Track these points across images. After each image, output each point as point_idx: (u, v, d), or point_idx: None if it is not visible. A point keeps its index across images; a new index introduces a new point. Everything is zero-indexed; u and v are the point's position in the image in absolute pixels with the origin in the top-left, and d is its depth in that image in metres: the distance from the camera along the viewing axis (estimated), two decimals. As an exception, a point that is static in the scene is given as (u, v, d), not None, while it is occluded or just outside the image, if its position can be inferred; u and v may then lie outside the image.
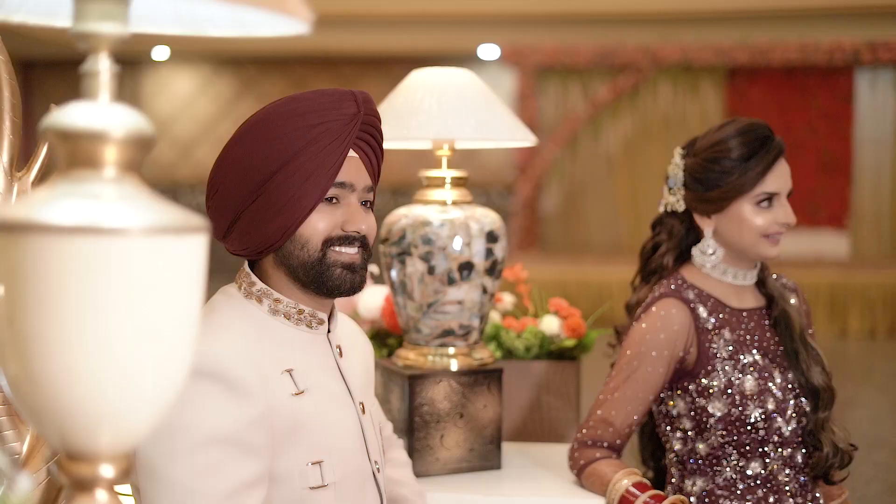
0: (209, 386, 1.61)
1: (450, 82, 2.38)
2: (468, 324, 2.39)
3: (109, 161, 1.01)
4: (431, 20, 13.50)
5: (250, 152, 1.70)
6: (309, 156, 1.71)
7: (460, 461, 2.41)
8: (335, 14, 13.46)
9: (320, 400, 1.75)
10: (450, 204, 2.39)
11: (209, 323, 1.73)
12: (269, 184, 1.70)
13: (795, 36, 12.55)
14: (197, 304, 1.04)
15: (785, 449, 2.24)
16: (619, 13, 13.06)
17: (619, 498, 2.17)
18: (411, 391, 2.35)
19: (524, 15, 13.35)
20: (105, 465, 1.02)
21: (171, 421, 1.59)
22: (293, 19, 1.11)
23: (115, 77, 1.06)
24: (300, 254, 1.75)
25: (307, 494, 1.71)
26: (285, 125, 1.71)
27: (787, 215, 2.29)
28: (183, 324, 1.03)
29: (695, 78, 13.39)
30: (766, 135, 2.29)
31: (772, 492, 2.24)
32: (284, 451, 1.69)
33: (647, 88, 13.48)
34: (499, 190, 15.53)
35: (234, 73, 15.63)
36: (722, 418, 2.23)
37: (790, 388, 2.26)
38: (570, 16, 13.26)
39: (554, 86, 13.81)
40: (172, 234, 0.98)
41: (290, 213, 1.72)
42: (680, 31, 13.04)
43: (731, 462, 2.25)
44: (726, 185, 2.28)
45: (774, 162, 2.28)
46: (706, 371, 2.25)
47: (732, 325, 2.29)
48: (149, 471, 1.60)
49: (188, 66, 15.64)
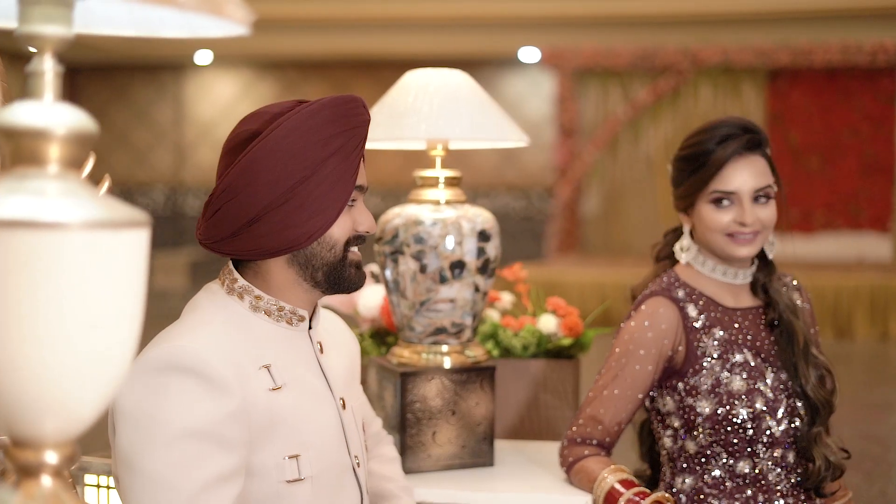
0: (186, 381, 1.65)
1: (443, 83, 2.41)
2: (461, 322, 2.42)
3: (53, 158, 1.05)
4: (472, 23, 13.54)
5: (281, 159, 1.73)
6: (338, 161, 1.77)
7: (453, 458, 2.44)
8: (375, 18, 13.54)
9: (299, 395, 1.79)
10: (443, 203, 2.42)
11: (190, 319, 1.78)
12: (300, 188, 1.74)
13: (837, 37, 12.44)
14: (139, 296, 1.07)
15: (775, 449, 2.24)
16: (658, 15, 13.03)
17: (605, 495, 2.19)
18: (403, 388, 2.39)
19: (564, 17, 13.35)
20: (50, 451, 1.04)
21: (149, 414, 1.63)
22: (232, 22, 1.15)
23: (59, 77, 1.10)
24: (327, 255, 1.81)
25: (284, 488, 1.74)
26: (319, 132, 1.75)
27: (743, 215, 2.26)
28: (125, 315, 1.06)
29: (735, 80, 13.31)
30: (726, 133, 2.27)
31: (761, 491, 2.24)
32: (261, 445, 1.72)
33: (688, 90, 13.42)
34: (539, 192, 15.55)
35: (276, 76, 15.76)
36: (709, 417, 2.23)
37: (782, 388, 2.25)
38: (609, 18, 13.24)
39: (594, 88, 13.78)
40: (112, 229, 1.01)
41: (323, 217, 1.78)
42: (720, 32, 12.98)
43: (719, 461, 2.25)
44: (687, 183, 2.30)
45: (729, 160, 2.27)
46: (694, 370, 2.26)
47: (724, 323, 2.30)
48: (127, 463, 1.64)
49: (230, 71, 15.79)
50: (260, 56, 15.21)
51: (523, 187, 15.79)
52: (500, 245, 2.45)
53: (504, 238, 10.64)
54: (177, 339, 1.70)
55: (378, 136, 2.37)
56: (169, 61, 15.73)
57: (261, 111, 1.81)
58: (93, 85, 16.69)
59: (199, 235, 1.83)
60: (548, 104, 14.91)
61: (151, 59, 15.57)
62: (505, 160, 15.78)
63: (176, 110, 16.24)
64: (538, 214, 15.60)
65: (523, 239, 15.52)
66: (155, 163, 16.41)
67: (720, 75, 13.25)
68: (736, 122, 2.28)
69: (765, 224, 2.27)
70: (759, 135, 2.28)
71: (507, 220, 15.75)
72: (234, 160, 1.77)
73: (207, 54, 15.24)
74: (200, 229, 1.82)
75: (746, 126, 2.28)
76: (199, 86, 16.13)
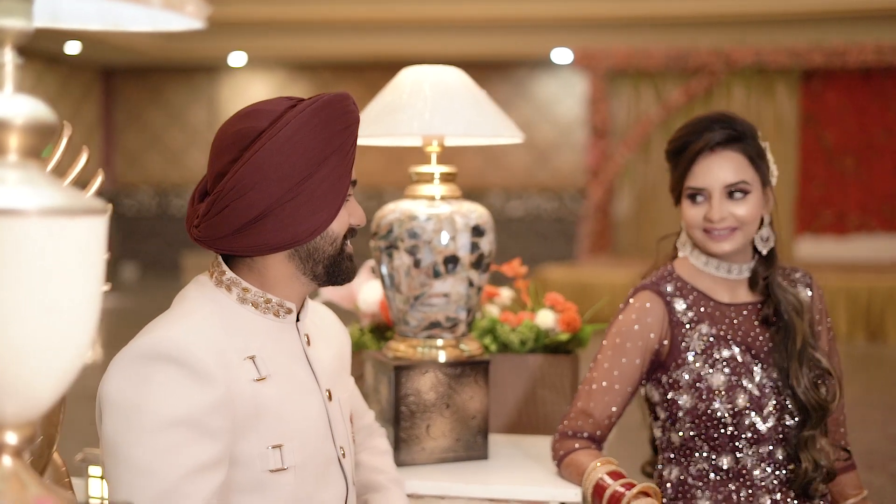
0: (170, 370, 1.68)
1: (438, 79, 2.44)
2: (455, 316, 2.44)
3: (12, 148, 1.08)
4: (505, 24, 13.54)
5: (290, 157, 1.77)
6: (339, 158, 1.82)
7: (447, 451, 2.47)
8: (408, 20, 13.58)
9: (283, 386, 1.82)
10: (438, 199, 2.45)
11: (177, 310, 1.81)
12: (306, 184, 1.78)
13: (872, 37, 12.35)
14: (97, 282, 1.10)
15: (761, 446, 2.24)
16: (691, 16, 12.98)
17: (593, 486, 2.21)
18: (397, 381, 2.41)
19: (596, 18, 13.33)
20: (10, 432, 1.07)
21: (133, 403, 1.67)
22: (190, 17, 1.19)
23: (19, 69, 1.13)
24: (329, 249, 1.86)
25: (267, 477, 1.77)
26: (324, 130, 1.80)
27: (710, 212, 2.26)
28: (82, 301, 1.09)
29: (769, 80, 13.24)
30: (701, 128, 2.28)
31: (744, 486, 2.25)
32: (245, 434, 1.75)
33: (721, 91, 13.36)
34: (571, 194, 15.53)
35: (310, 78, 15.84)
36: (689, 411, 2.25)
37: (771, 386, 2.25)
38: (642, 19, 13.21)
39: (626, 89, 13.75)
40: (69, 216, 1.04)
41: (327, 212, 1.82)
42: (754, 32, 12.91)
43: (702, 454, 2.27)
44: (671, 178, 2.33)
45: (699, 155, 2.28)
46: (676, 364, 2.28)
47: (714, 319, 2.30)
48: (112, 450, 1.67)
49: (264, 72, 15.89)
50: (293, 58, 15.30)
51: (555, 189, 15.77)
52: (495, 240, 2.47)
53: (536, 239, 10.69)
54: (162, 330, 1.74)
55: (372, 132, 2.40)
56: (203, 63, 15.85)
57: (258, 109, 1.83)
58: (128, 87, 16.85)
59: (198, 234, 1.84)
60: (580, 105, 14.90)
61: (186, 62, 15.69)
62: (537, 161, 15.78)
63: (210, 112, 16.36)
64: (570, 216, 15.58)
65: (555, 240, 15.51)
66: (189, 164, 16.54)
67: (753, 76, 13.19)
68: (713, 117, 2.29)
69: (741, 220, 2.26)
70: (736, 129, 2.27)
71: (539, 221, 15.74)
72: (237, 157, 1.79)
73: (241, 56, 15.33)
74: (199, 227, 1.83)
75: (723, 120, 2.27)
76: (232, 87, 16.24)
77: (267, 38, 14.76)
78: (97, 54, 15.40)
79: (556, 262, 13.83)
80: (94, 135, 16.85)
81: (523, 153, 15.76)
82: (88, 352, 1.14)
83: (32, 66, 15.44)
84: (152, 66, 16.20)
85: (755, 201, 2.27)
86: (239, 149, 1.80)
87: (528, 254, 15.53)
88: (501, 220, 15.86)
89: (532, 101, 15.72)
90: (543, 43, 14.19)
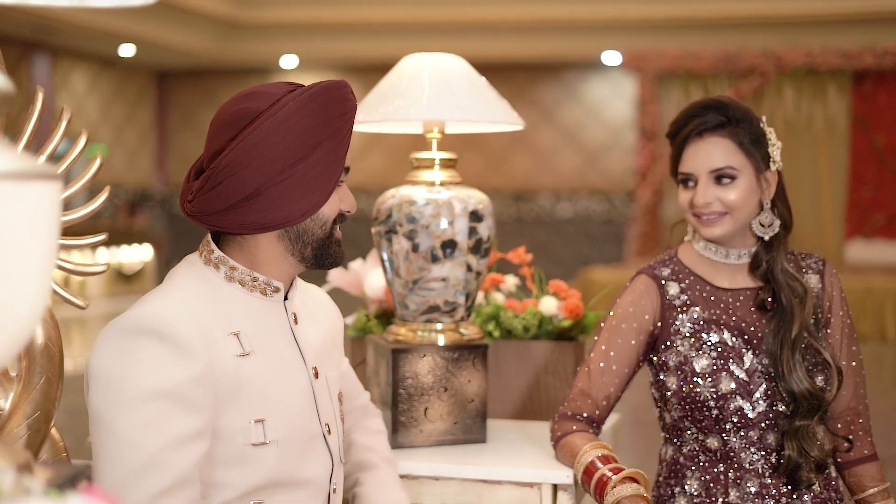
0: (153, 344, 1.73)
1: (438, 67, 2.47)
2: (454, 301, 2.47)
3: (-36, 113, 1.12)
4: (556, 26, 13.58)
5: (285, 138, 1.82)
6: (333, 143, 1.87)
7: (444, 434, 2.50)
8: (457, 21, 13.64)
9: (267, 362, 1.86)
10: (438, 185, 2.48)
11: (166, 286, 1.87)
12: (300, 166, 1.83)
13: (925, 39, 12.23)
14: (49, 249, 1.13)
15: (750, 430, 2.24)
16: (741, 17, 12.92)
17: (584, 469, 2.23)
18: (394, 364, 2.45)
19: (646, 20, 13.32)
20: None
21: (117, 375, 1.72)
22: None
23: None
24: (318, 231, 1.91)
25: (249, 450, 1.81)
26: (320, 114, 1.84)
27: (696, 197, 2.28)
28: (34, 266, 1.11)
29: (820, 82, 13.14)
30: (691, 114, 2.29)
31: (731, 468, 2.25)
32: (227, 408, 1.79)
33: (771, 93, 13.29)
34: (620, 197, 15.50)
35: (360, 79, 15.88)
36: (675, 393, 2.27)
37: (762, 371, 2.25)
38: (691, 20, 13.17)
39: (676, 91, 13.72)
40: (21, 180, 1.08)
41: (319, 195, 1.87)
42: (805, 34, 12.83)
43: (692, 435, 2.28)
44: (670, 164, 2.36)
45: (688, 141, 2.29)
46: (665, 346, 2.30)
47: (707, 303, 2.31)
48: (97, 421, 1.73)
49: (315, 74, 16.01)
50: (344, 59, 15.42)
51: (605, 191, 15.74)
52: (494, 226, 2.50)
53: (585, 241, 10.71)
54: (147, 305, 1.79)
55: (370, 117, 2.44)
56: (256, 65, 16.03)
57: (259, 91, 1.88)
58: (182, 89, 17.08)
59: (191, 208, 1.90)
60: (630, 107, 14.87)
61: (239, 64, 15.87)
62: (587, 164, 15.77)
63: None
64: (619, 217, 15.55)
65: (604, 242, 15.49)
66: (241, 164, 16.72)
67: (804, 77, 13.10)
68: (705, 103, 2.30)
69: (729, 205, 2.25)
70: (726, 115, 2.28)
71: (589, 223, 15.73)
72: (234, 136, 1.85)
73: (293, 58, 15.49)
74: (192, 202, 1.89)
75: (714, 106, 2.28)
76: (284, 89, 16.39)
77: (318, 41, 14.90)
78: (151, 57, 15.63)
79: (604, 264, 13.81)
80: (149, 137, 17.09)
81: (573, 155, 15.75)
82: (39, 319, 1.15)
83: (88, 68, 15.71)
84: (206, 68, 16.40)
85: (744, 186, 2.26)
86: (237, 128, 1.85)
87: (578, 256, 15.53)
88: (551, 221, 15.86)
89: (582, 103, 15.71)
90: (593, 45, 14.21)
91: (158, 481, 1.69)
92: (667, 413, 2.34)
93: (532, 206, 15.90)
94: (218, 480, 1.80)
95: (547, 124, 15.63)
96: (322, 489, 1.95)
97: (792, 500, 2.26)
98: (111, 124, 16.35)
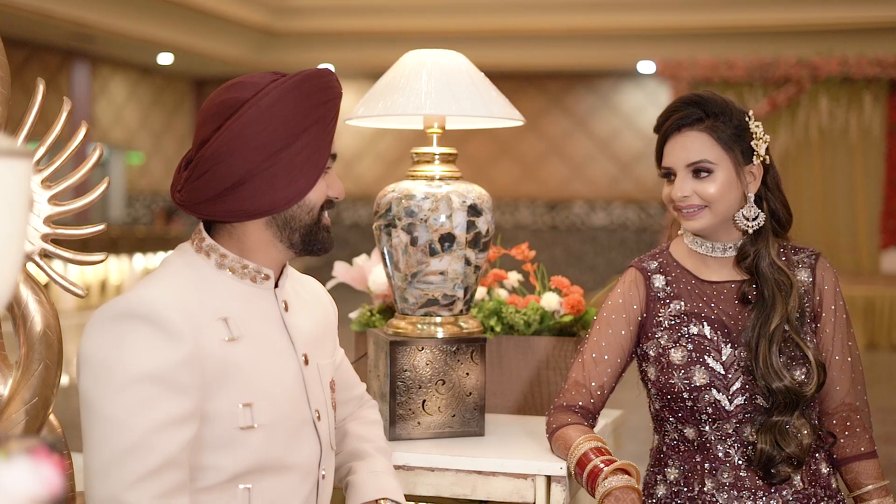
0: (141, 328, 1.77)
1: (438, 63, 2.50)
2: (452, 294, 2.50)
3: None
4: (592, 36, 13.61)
5: (270, 125, 1.86)
6: (318, 130, 1.91)
7: (443, 427, 2.52)
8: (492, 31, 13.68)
9: (256, 347, 1.89)
10: (437, 179, 2.50)
11: (157, 273, 1.92)
12: (285, 153, 1.88)
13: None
14: (18, 227, 1.16)
15: (726, 422, 2.25)
16: (776, 26, 12.88)
17: (577, 460, 2.25)
18: (392, 357, 2.47)
19: (681, 29, 13.31)
20: None
21: (106, 359, 1.76)
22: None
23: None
24: (305, 218, 1.94)
25: (237, 434, 1.84)
26: (304, 102, 1.89)
27: (674, 190, 2.31)
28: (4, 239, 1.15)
29: (855, 91, 13.06)
30: (671, 110, 2.33)
31: (707, 459, 2.28)
32: (215, 391, 1.83)
33: (806, 102, 13.22)
34: (654, 205, 15.47)
35: (395, 88, 16.02)
36: (654, 383, 2.32)
37: (740, 365, 2.26)
38: (726, 29, 13.15)
39: (710, 99, 13.66)
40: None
41: (305, 181, 1.91)
42: (840, 43, 12.76)
43: (671, 425, 2.32)
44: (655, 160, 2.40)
45: (668, 136, 2.32)
46: (647, 337, 2.34)
47: (691, 296, 2.33)
48: (86, 404, 1.77)
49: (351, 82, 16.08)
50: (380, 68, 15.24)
51: (639, 199, 15.72)
52: (493, 220, 2.52)
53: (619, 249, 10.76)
54: (138, 290, 1.83)
55: (370, 112, 2.47)
56: (293, 74, 16.12)
57: (244, 81, 1.93)
58: (219, 96, 17.21)
59: (180, 197, 1.94)
60: (664, 116, 14.83)
61: (276, 72, 15.99)
62: (621, 172, 15.75)
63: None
64: (654, 226, 15.52)
65: (639, 250, 15.45)
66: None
67: (839, 86, 13.02)
68: (685, 98, 2.33)
69: (707, 198, 2.26)
70: (704, 109, 2.29)
71: (624, 231, 15.71)
72: (220, 125, 1.89)
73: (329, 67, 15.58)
74: (181, 192, 1.93)
75: (693, 101, 2.30)
76: (319, 98, 16.48)
77: (353, 49, 14.98)
78: (189, 65, 15.78)
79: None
80: (186, 144, 17.24)
81: (607, 164, 15.74)
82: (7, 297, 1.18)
83: (127, 77, 15.88)
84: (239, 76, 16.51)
85: (722, 180, 2.27)
86: (222, 118, 1.89)
87: (612, 264, 15.51)
88: (585, 229, 15.85)
89: (616, 111, 15.71)
90: (628, 54, 14.21)
91: (145, 463, 1.72)
92: (651, 404, 2.39)
93: (566, 215, 15.90)
94: (206, 463, 1.82)
95: (581, 133, 15.64)
96: (311, 474, 1.97)
97: (770, 493, 2.26)
98: (149, 132, 16.52)
